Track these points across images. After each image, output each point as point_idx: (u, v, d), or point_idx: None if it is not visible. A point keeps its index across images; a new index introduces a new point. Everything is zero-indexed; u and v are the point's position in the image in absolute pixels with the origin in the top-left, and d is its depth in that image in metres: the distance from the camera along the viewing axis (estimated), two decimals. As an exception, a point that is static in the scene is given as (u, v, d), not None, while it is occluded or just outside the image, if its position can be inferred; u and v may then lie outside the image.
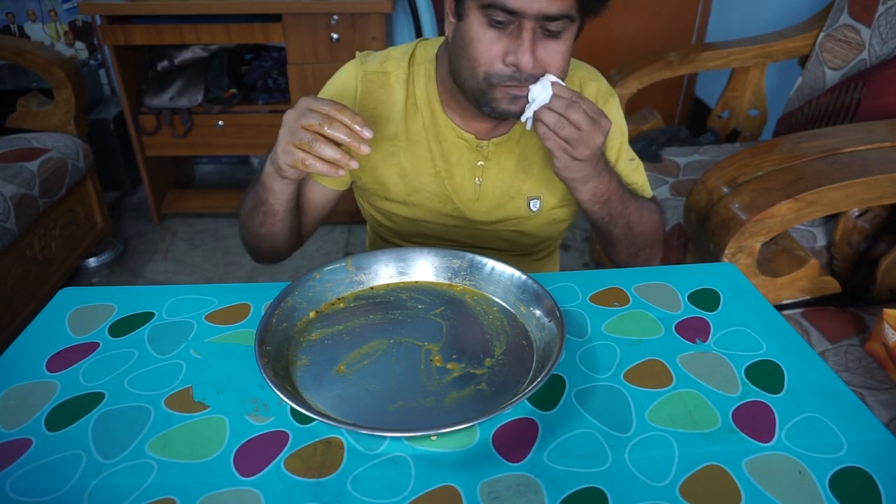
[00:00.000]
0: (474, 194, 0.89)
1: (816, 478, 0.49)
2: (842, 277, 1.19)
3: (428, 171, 0.89)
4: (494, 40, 0.73)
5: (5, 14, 2.45)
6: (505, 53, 0.73)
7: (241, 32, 2.02)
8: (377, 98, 0.88)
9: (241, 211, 0.88)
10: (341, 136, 0.67)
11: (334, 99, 0.87)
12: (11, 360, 0.61)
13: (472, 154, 0.88)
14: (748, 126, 1.88)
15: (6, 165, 1.65)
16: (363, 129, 0.67)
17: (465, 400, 0.55)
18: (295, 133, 0.68)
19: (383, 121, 0.88)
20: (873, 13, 1.45)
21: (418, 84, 0.87)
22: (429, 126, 0.88)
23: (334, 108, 0.68)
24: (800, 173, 1.02)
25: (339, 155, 0.67)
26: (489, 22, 0.72)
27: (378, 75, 0.88)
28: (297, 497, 0.47)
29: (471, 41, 0.74)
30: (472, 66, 0.75)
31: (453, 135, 0.87)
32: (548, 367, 0.54)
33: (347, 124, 0.67)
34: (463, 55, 0.76)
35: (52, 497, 0.47)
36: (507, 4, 0.69)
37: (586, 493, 0.47)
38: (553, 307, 0.62)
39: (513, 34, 0.72)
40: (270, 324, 0.60)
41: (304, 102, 0.70)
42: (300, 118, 0.68)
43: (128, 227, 2.34)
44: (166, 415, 0.54)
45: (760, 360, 0.61)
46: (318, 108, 0.68)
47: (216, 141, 2.22)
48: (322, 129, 0.67)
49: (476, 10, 0.72)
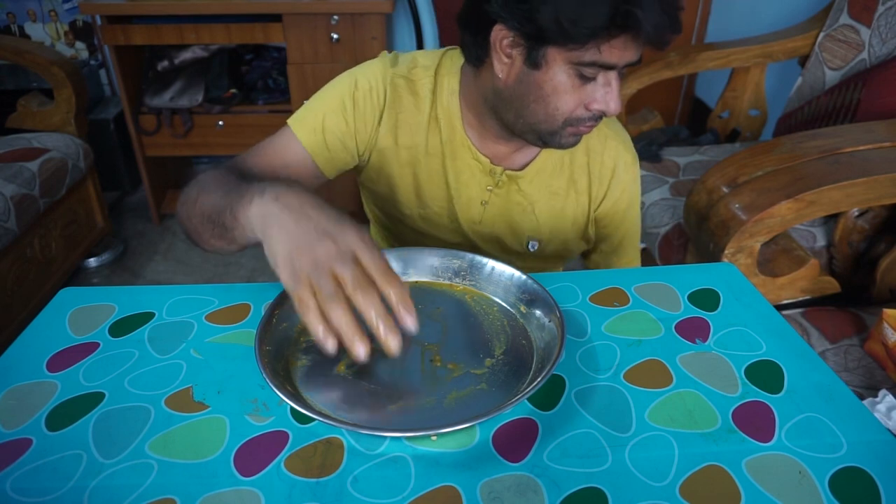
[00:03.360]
0: (478, 216, 0.89)
1: (816, 478, 0.49)
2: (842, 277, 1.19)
3: (440, 185, 0.87)
4: (581, 89, 0.71)
5: (6, 14, 2.45)
6: (591, 101, 0.72)
7: (241, 32, 2.02)
8: (403, 104, 0.84)
9: (189, 202, 0.69)
10: (373, 315, 0.51)
11: (365, 100, 0.83)
12: (11, 360, 0.61)
13: (484, 177, 0.86)
14: (748, 126, 1.88)
15: (6, 165, 1.65)
16: (407, 315, 0.52)
17: (465, 400, 0.56)
18: (319, 269, 0.51)
19: (406, 128, 0.85)
20: (873, 13, 1.45)
21: (441, 97, 0.84)
22: (446, 142, 0.85)
23: (384, 272, 0.52)
24: (800, 173, 1.02)
25: (353, 332, 0.50)
26: (580, 74, 0.70)
27: (406, 81, 0.84)
28: (297, 497, 0.47)
29: (554, 91, 0.71)
30: (553, 114, 0.73)
31: (469, 155, 0.85)
32: (548, 367, 0.54)
33: (392, 303, 0.52)
34: (540, 102, 0.73)
35: (52, 497, 0.47)
36: (608, 62, 0.68)
37: (586, 493, 0.47)
38: (553, 307, 0.62)
39: (599, 82, 0.71)
40: (270, 324, 0.60)
41: (351, 234, 0.53)
42: (336, 258, 0.52)
43: (128, 227, 2.34)
44: (166, 415, 0.54)
45: (760, 360, 0.61)
46: (364, 260, 0.52)
47: (216, 141, 2.22)
48: (354, 293, 0.51)
49: (564, 64, 0.69)
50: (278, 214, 0.55)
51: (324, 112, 0.82)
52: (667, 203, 1.46)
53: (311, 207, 0.55)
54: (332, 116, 0.82)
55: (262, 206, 0.57)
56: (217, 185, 0.67)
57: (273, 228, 0.55)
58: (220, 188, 0.66)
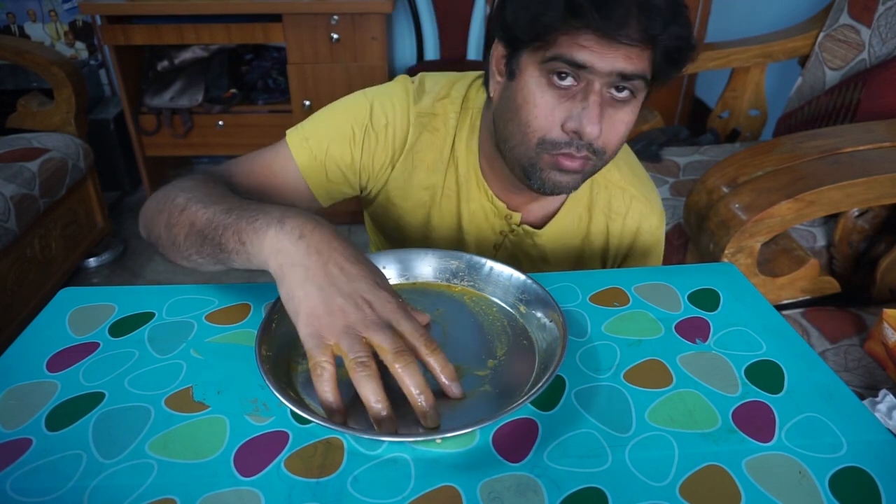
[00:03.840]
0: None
1: (816, 478, 0.49)
2: (842, 277, 1.19)
3: (451, 227, 0.81)
4: (554, 103, 0.63)
5: (5, 14, 2.45)
6: (566, 118, 0.63)
7: (241, 32, 2.03)
8: (423, 143, 0.77)
9: (171, 210, 0.62)
10: (413, 389, 0.48)
11: (378, 137, 0.72)
12: (11, 360, 0.61)
13: (499, 221, 0.80)
14: (748, 126, 1.88)
15: (6, 165, 1.65)
16: (453, 384, 0.50)
17: (469, 402, 0.55)
18: (350, 335, 0.48)
19: (424, 168, 0.78)
20: (873, 13, 1.45)
21: (462, 134, 0.77)
22: (462, 183, 0.78)
23: (425, 340, 0.50)
24: (800, 173, 1.02)
25: (383, 406, 0.48)
26: (550, 81, 0.62)
27: (430, 118, 0.76)
28: (296, 497, 0.47)
29: (524, 102, 0.64)
30: (525, 131, 0.65)
31: (484, 197, 0.79)
32: (551, 369, 0.54)
33: (436, 372, 0.50)
34: (513, 118, 0.66)
35: (52, 497, 0.47)
36: (576, 58, 0.60)
37: (586, 493, 0.47)
38: (554, 307, 0.62)
39: (577, 97, 0.62)
40: (270, 328, 0.60)
41: (388, 300, 0.50)
42: (372, 326, 0.48)
43: (128, 227, 2.34)
44: (166, 415, 0.54)
45: (760, 360, 0.61)
46: (402, 328, 0.49)
47: (216, 141, 2.23)
48: (394, 364, 0.48)
49: (534, 66, 0.63)
50: (304, 259, 0.51)
51: (329, 137, 0.74)
52: (667, 203, 1.46)
53: (340, 254, 0.51)
54: (337, 145, 0.74)
55: (282, 240, 0.52)
56: (214, 197, 0.61)
57: (297, 274, 0.50)
58: (219, 201, 0.59)
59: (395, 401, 0.55)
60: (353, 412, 0.54)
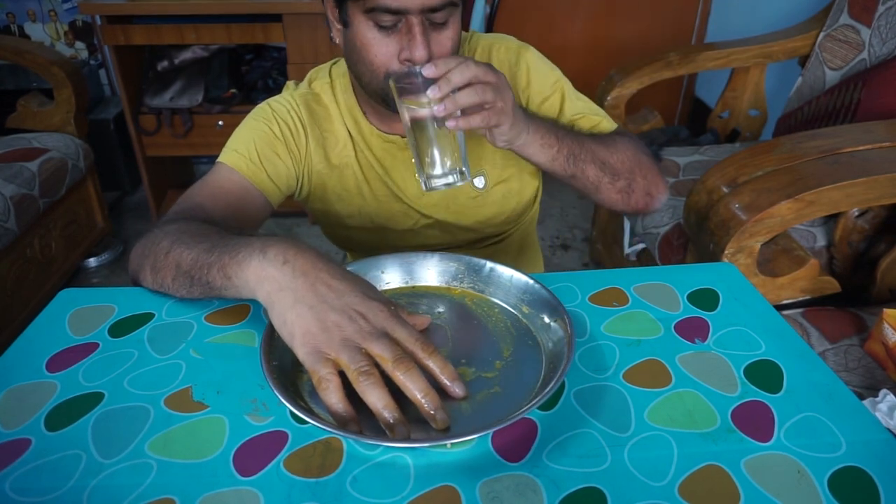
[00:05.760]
0: (419, 190, 0.89)
1: (815, 477, 0.49)
2: (842, 277, 1.19)
3: (376, 178, 0.89)
4: (386, 41, 0.72)
5: (5, 14, 2.46)
6: (399, 51, 0.71)
7: (241, 32, 2.02)
8: (319, 115, 0.87)
9: (156, 254, 0.65)
10: (417, 394, 0.49)
11: (286, 123, 0.85)
12: (11, 360, 0.61)
13: (404, 152, 0.88)
14: (748, 126, 1.88)
15: (6, 165, 1.65)
16: (454, 384, 0.51)
17: (479, 404, 0.55)
18: (349, 348, 0.49)
19: (332, 138, 0.88)
20: (873, 13, 1.45)
21: (340, 98, 0.88)
22: (357, 137, 0.88)
23: (421, 345, 0.51)
24: (800, 173, 1.02)
25: (392, 412, 0.48)
26: (377, 24, 0.70)
27: (312, 95, 0.88)
28: (296, 497, 0.47)
29: (363, 46, 0.73)
30: (371, 69, 0.74)
31: (380, 140, 0.87)
32: (560, 370, 0.54)
33: (436, 374, 0.51)
34: (359, 60, 0.75)
35: (51, 497, 0.47)
36: (390, 5, 0.68)
37: (586, 493, 0.47)
38: (557, 307, 0.62)
39: (402, 31, 0.71)
40: (273, 335, 0.58)
41: (380, 310, 0.51)
42: (369, 337, 0.50)
43: (128, 227, 2.34)
44: (166, 415, 0.54)
45: (760, 360, 0.61)
46: (398, 335, 0.51)
47: (216, 141, 2.22)
48: (394, 371, 0.49)
49: (360, 15, 0.71)
50: (291, 283, 0.51)
51: (252, 141, 0.83)
52: (667, 203, 1.45)
53: (326, 273, 0.52)
54: (262, 143, 0.83)
55: (266, 268, 0.53)
56: (195, 237, 0.62)
57: (286, 298, 0.51)
58: (200, 241, 0.61)
59: (409, 406, 0.54)
60: (362, 419, 0.53)
